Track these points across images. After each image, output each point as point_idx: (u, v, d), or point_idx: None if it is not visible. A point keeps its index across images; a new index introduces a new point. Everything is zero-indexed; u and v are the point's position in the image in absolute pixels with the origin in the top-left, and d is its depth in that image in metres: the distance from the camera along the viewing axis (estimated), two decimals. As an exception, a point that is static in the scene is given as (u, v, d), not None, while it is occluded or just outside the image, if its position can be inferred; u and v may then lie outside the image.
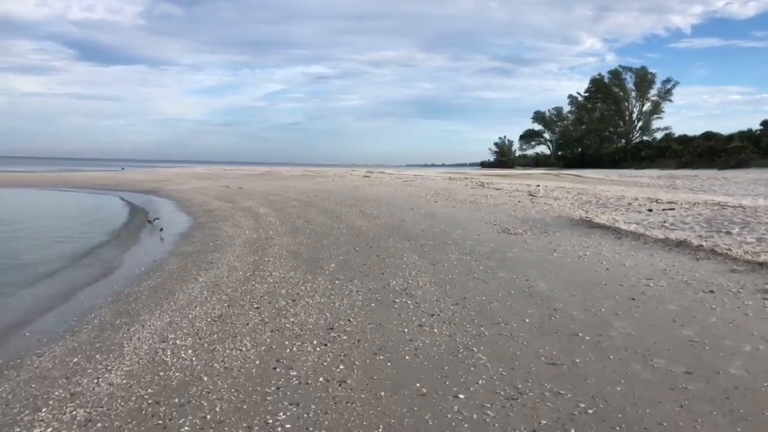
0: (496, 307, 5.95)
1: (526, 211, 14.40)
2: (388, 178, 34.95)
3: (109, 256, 11.24)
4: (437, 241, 10.45)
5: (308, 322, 5.79)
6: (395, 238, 11.03)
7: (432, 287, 6.94)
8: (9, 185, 35.93)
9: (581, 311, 5.68)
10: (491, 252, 9.09)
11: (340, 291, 7.04)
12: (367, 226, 12.98)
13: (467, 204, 16.52)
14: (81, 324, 6.37)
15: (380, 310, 6.05)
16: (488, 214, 13.90)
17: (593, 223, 11.47)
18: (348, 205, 17.73)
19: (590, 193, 18.08)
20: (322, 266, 8.69)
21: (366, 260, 9.00)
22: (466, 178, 34.08)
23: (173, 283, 8.14)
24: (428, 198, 18.78)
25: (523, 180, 35.22)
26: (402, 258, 9.00)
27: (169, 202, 23.73)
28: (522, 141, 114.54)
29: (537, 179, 38.44)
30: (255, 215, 16.18)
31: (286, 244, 11.10)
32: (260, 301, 6.82)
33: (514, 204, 15.96)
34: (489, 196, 18.27)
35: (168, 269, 9.28)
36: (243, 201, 20.73)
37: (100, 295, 7.85)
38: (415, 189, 23.39)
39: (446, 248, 9.66)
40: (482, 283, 7.05)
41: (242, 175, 46.79)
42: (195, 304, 6.88)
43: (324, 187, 26.54)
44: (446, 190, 22.21)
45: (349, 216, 14.88)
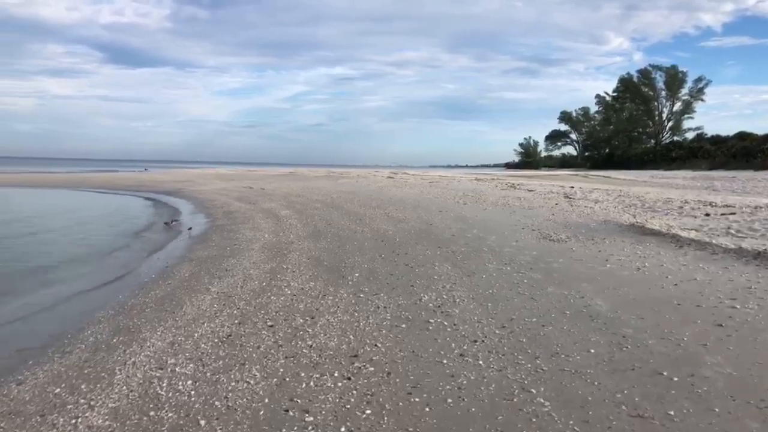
0: (550, 332, 5.02)
1: (566, 214, 13.36)
2: (413, 179, 34.05)
3: (120, 261, 10.61)
4: (471, 248, 9.54)
5: (328, 346, 4.96)
6: (424, 244, 10.16)
7: (471, 304, 6.04)
8: (35, 185, 35.99)
9: (657, 340, 4.70)
10: (534, 262, 8.13)
11: (365, 307, 6.20)
12: (393, 230, 12.14)
13: (499, 207, 15.55)
14: (74, 342, 5.66)
15: (412, 333, 5.18)
16: (524, 218, 12.92)
17: (646, 229, 10.38)
18: (372, 207, 16.91)
19: (632, 196, 16.91)
20: (344, 276, 7.87)
21: (393, 269, 8.14)
22: (493, 179, 33.01)
23: (182, 294, 7.41)
24: (456, 200, 17.84)
25: (552, 181, 33.99)
26: (433, 267, 8.12)
27: (189, 203, 23.22)
28: (548, 142, 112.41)
29: (566, 180, 37.14)
30: (276, 217, 15.47)
31: (307, 249, 10.32)
32: (275, 317, 6.02)
33: (551, 207, 14.92)
34: (522, 198, 17.23)
35: (179, 277, 8.57)
36: (264, 202, 20.07)
37: (102, 306, 7.15)
38: (441, 190, 22.46)
39: (482, 256, 8.75)
40: (529, 300, 6.11)
41: (265, 176, 46.37)
42: (203, 319, 6.12)
43: (347, 189, 25.78)
44: (475, 191, 21.22)
45: (373, 219, 14.05)
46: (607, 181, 38.98)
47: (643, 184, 34.22)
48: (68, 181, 41.28)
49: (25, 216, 18.12)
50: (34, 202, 25.48)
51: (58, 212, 20.13)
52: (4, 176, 46.63)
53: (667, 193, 19.33)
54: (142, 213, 20.23)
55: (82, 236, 13.98)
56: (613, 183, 34.41)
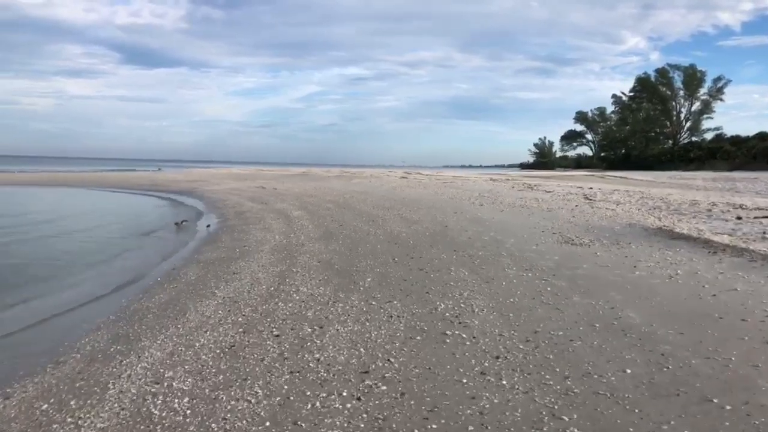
0: (580, 347, 4.58)
1: (587, 217, 12.85)
2: (427, 180, 33.62)
3: (127, 263, 10.34)
4: (489, 252, 9.11)
5: (337, 360, 4.58)
6: (439, 247, 9.75)
7: (491, 315, 5.62)
8: (50, 185, 36.12)
9: (701, 359, 4.23)
10: (556, 268, 7.68)
11: (377, 316, 5.81)
12: (406, 232, 11.75)
13: (517, 208, 15.07)
14: (70, 351, 5.35)
15: (428, 347, 4.78)
16: (543, 220, 12.44)
17: (674, 233, 9.83)
18: (385, 207, 16.54)
19: (655, 197, 16.33)
20: (356, 281, 7.50)
21: (407, 274, 7.75)
22: (508, 180, 32.49)
23: (187, 299, 7.09)
24: (472, 201, 17.39)
25: (569, 182, 33.37)
26: (449, 273, 7.72)
27: (201, 203, 23.04)
28: (563, 142, 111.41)
29: (582, 181, 36.46)
30: (287, 218, 15.17)
31: (318, 251, 9.98)
32: (282, 326, 5.66)
33: (571, 209, 14.41)
34: (540, 200, 16.73)
35: (185, 280, 8.26)
36: (276, 203, 19.80)
37: (104, 311, 6.86)
38: (456, 191, 22.02)
39: (500, 261, 8.32)
40: (554, 310, 5.67)
41: (278, 175, 46.22)
42: (206, 327, 5.78)
43: (360, 189, 25.44)
44: (491, 192, 20.75)
45: (386, 220, 13.67)
46: (624, 182, 38.24)
47: (663, 185, 33.48)
48: (84, 180, 41.44)
49: (34, 216, 18.00)
50: (47, 202, 25.45)
51: (70, 212, 20.02)
52: (22, 175, 47.03)
53: (689, 195, 18.72)
54: (154, 213, 20.05)
55: (91, 237, 13.78)
56: (632, 184, 33.72)
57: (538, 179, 36.91)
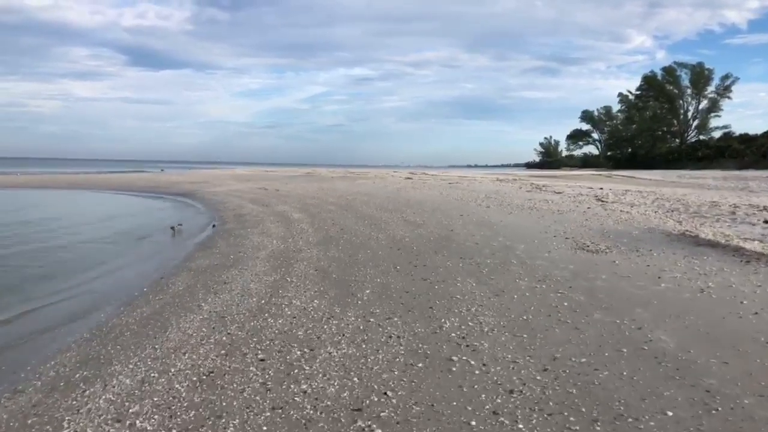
0: (607, 379, 3.94)
1: (601, 220, 12.19)
2: (432, 180, 32.97)
3: (114, 271, 9.80)
4: (497, 259, 8.48)
5: (327, 393, 3.98)
6: (444, 254, 9.15)
7: (502, 335, 5.00)
8: (52, 187, 35.72)
9: (755, 398, 3.54)
10: (572, 278, 7.04)
11: (375, 336, 5.21)
12: (410, 236, 11.15)
13: (526, 210, 14.42)
14: (32, 377, 4.79)
15: (431, 377, 4.17)
16: (555, 224, 11.79)
17: (700, 239, 9.15)
18: (388, 210, 15.94)
19: (672, 198, 15.61)
20: (354, 292, 6.91)
21: (409, 285, 7.15)
22: (515, 180, 31.81)
23: (170, 313, 6.53)
24: (478, 203, 16.75)
25: (578, 182, 32.66)
26: (455, 284, 7.10)
27: (201, 205, 22.55)
28: (569, 141, 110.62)
29: (589, 180, 35.76)
30: (287, 221, 14.61)
31: (316, 258, 9.41)
32: (268, 347, 5.07)
33: (583, 211, 13.73)
34: (550, 201, 16.07)
35: (173, 291, 7.70)
36: (277, 205, 19.26)
37: (80, 327, 6.33)
38: (462, 192, 21.38)
39: (510, 270, 7.69)
40: (573, 330, 5.03)
41: (282, 176, 45.69)
42: (186, 347, 5.21)
43: (364, 190, 24.85)
44: (498, 193, 20.09)
45: (389, 224, 13.08)
46: (632, 181, 37.49)
47: (672, 184, 32.73)
48: (86, 182, 41.06)
49: (25, 220, 17.48)
50: (42, 205, 24.98)
51: (63, 215, 19.51)
52: (23, 178, 46.71)
53: (706, 196, 18.02)
54: (151, 216, 19.54)
55: (80, 241, 13.23)
56: (641, 184, 32.98)
57: (546, 179, 36.19)
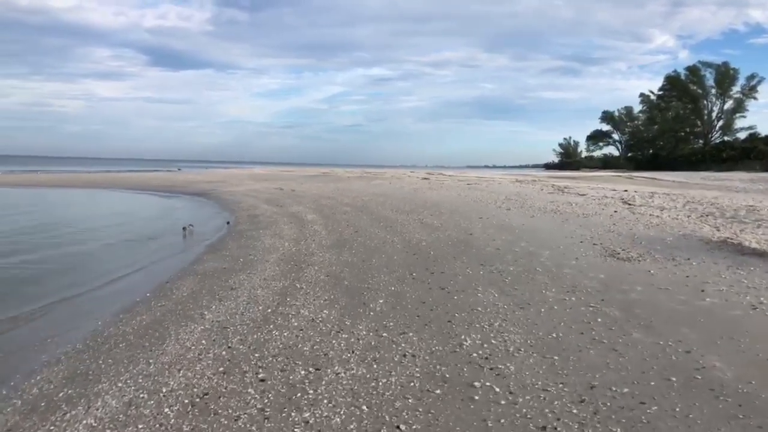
0: (656, 416, 3.36)
1: (630, 225, 11.49)
2: (450, 181, 32.36)
3: (120, 273, 9.44)
4: (521, 266, 7.93)
5: (331, 425, 3.50)
6: (463, 260, 8.63)
7: (530, 356, 4.46)
8: (71, 186, 35.84)
9: None
10: (604, 289, 6.46)
11: (387, 354, 4.72)
12: (426, 240, 10.64)
13: (548, 213, 13.79)
14: (12, 395, 4.40)
15: (450, 407, 3.66)
16: (580, 228, 11.17)
17: (744, 247, 8.42)
18: (405, 211, 15.44)
19: (703, 201, 14.81)
20: (366, 302, 6.43)
21: (426, 295, 6.65)
22: (536, 181, 31.06)
23: (171, 322, 6.12)
24: (498, 205, 16.16)
25: (598, 183, 31.80)
26: (475, 294, 6.58)
27: (216, 204, 22.27)
28: (589, 142, 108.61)
29: (610, 182, 34.83)
30: (301, 223, 14.21)
31: (328, 262, 8.97)
32: (270, 365, 4.62)
33: (610, 215, 13.05)
34: (573, 204, 15.41)
35: (176, 297, 7.31)
36: (292, 205, 18.88)
37: (74, 336, 5.95)
38: (481, 193, 20.78)
39: (536, 279, 7.14)
40: (611, 352, 4.45)
41: (299, 176, 45.43)
42: (182, 363, 4.78)
43: (380, 191, 24.38)
44: (518, 195, 19.46)
45: (405, 226, 12.58)
46: (655, 182, 36.46)
47: (698, 186, 31.69)
48: (104, 180, 41.21)
49: (39, 218, 17.33)
50: (58, 204, 24.94)
51: (77, 214, 19.36)
52: (45, 176, 47.12)
53: (737, 199, 17.18)
54: (164, 215, 19.28)
55: (89, 241, 12.94)
56: (663, 185, 31.99)
57: (566, 180, 35.36)
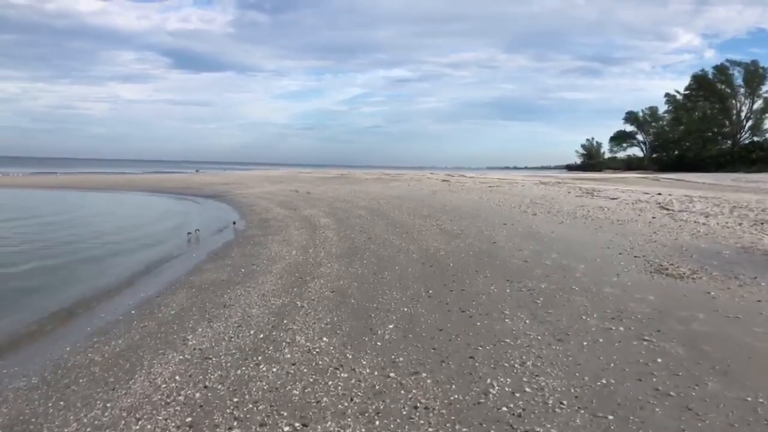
0: None
1: (674, 233, 10.26)
2: (470, 183, 31.25)
3: (110, 284, 8.64)
4: (553, 283, 6.90)
5: None
6: (487, 274, 7.64)
7: (576, 416, 3.44)
8: (86, 187, 35.56)
9: None
10: (658, 317, 5.38)
11: (394, 405, 3.77)
12: (445, 249, 9.67)
13: (579, 219, 12.66)
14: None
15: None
16: (617, 237, 10.02)
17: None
18: (422, 216, 14.48)
19: (753, 207, 13.44)
20: (373, 328, 5.49)
21: (443, 319, 5.68)
22: (559, 183, 29.80)
23: (147, 349, 5.27)
24: (524, 209, 15.08)
25: (623, 185, 30.44)
26: (502, 319, 5.58)
27: (229, 207, 21.54)
28: (612, 143, 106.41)
29: (636, 184, 33.45)
30: (312, 228, 13.36)
31: (335, 275, 8.08)
32: (248, 417, 3.71)
33: (648, 221, 11.81)
34: (606, 209, 14.24)
35: (162, 316, 6.47)
36: (306, 208, 18.05)
37: (30, 367, 5.09)
38: (504, 196, 19.69)
39: (572, 301, 6.10)
40: (685, 412, 3.38)
41: (316, 178, 44.71)
42: (144, 409, 3.91)
43: (397, 193, 23.43)
44: (544, 198, 18.32)
45: (422, 232, 11.62)
46: (683, 184, 34.91)
47: (732, 189, 30.12)
48: (119, 182, 40.95)
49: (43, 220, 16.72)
50: (65, 206, 24.44)
51: (82, 217, 18.76)
52: (63, 178, 47.16)
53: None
54: (173, 219, 18.57)
55: (88, 246, 12.20)
56: (693, 187, 30.48)
57: (591, 182, 34.00)
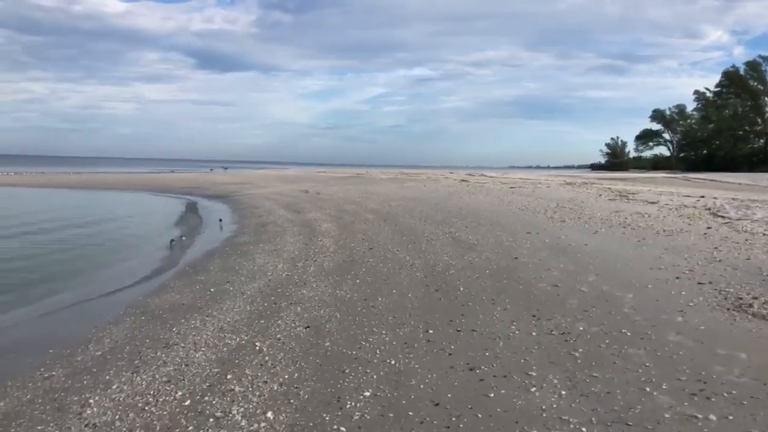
0: None
1: (742, 250, 8.15)
2: (491, 183, 29.37)
3: (45, 308, 7.16)
4: (595, 323, 5.16)
5: None
6: (506, 305, 5.95)
7: None
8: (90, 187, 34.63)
9: None
10: (763, 392, 3.64)
11: None
12: (456, 266, 8.00)
13: (617, 228, 10.78)
14: None
15: None
16: (667, 253, 8.11)
17: None
18: (435, 221, 12.80)
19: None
20: (341, 396, 3.87)
21: (443, 383, 4.01)
22: (587, 184, 27.78)
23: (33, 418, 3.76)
24: (550, 215, 13.27)
25: (654, 186, 28.28)
26: (526, 387, 3.88)
27: (229, 209, 20.14)
28: (638, 142, 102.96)
29: (670, 185, 31.30)
30: (311, 234, 11.83)
31: (318, 300, 6.53)
32: None
33: (702, 233, 9.72)
34: (646, 215, 12.30)
35: (79, 361, 5.15)
36: (311, 211, 16.52)
37: None
38: (526, 199, 17.86)
39: (626, 357, 4.32)
40: None
41: (330, 178, 43.25)
42: None
43: (411, 195, 21.75)
44: (572, 201, 16.44)
45: (432, 242, 9.95)
46: (718, 185, 32.55)
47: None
48: (128, 182, 39.90)
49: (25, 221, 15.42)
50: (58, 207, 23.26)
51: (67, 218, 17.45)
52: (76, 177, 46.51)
53: None
54: (163, 221, 17.20)
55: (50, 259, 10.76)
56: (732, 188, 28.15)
57: (620, 182, 31.90)
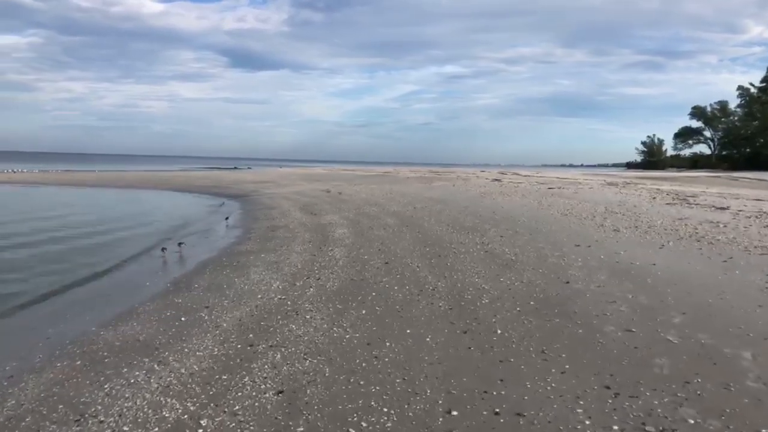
0: None
1: None
2: (526, 183, 27.39)
3: None
4: (707, 408, 3.44)
5: None
6: (564, 361, 4.26)
7: None
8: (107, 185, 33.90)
9: None
10: None
11: None
12: (491, 292, 6.31)
13: (687, 241, 8.85)
14: None
15: None
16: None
17: None
18: (465, 228, 11.11)
19: None
20: None
21: None
22: (630, 184, 25.59)
23: None
24: (599, 221, 11.38)
25: (703, 186, 25.92)
26: None
27: (243, 210, 18.79)
28: (677, 140, 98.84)
29: (720, 185, 28.95)
30: (322, 242, 10.30)
31: (307, 342, 4.98)
32: None
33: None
34: (720, 225, 10.30)
35: None
36: (328, 213, 15.01)
37: None
38: (568, 201, 15.95)
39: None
40: None
41: (356, 176, 41.79)
42: None
43: (438, 195, 20.04)
44: (623, 205, 14.47)
45: (460, 258, 8.27)
46: None
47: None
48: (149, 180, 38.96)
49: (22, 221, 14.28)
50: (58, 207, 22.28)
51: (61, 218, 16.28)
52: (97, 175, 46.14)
53: None
54: (167, 223, 15.85)
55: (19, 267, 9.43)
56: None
57: (664, 182, 29.60)
